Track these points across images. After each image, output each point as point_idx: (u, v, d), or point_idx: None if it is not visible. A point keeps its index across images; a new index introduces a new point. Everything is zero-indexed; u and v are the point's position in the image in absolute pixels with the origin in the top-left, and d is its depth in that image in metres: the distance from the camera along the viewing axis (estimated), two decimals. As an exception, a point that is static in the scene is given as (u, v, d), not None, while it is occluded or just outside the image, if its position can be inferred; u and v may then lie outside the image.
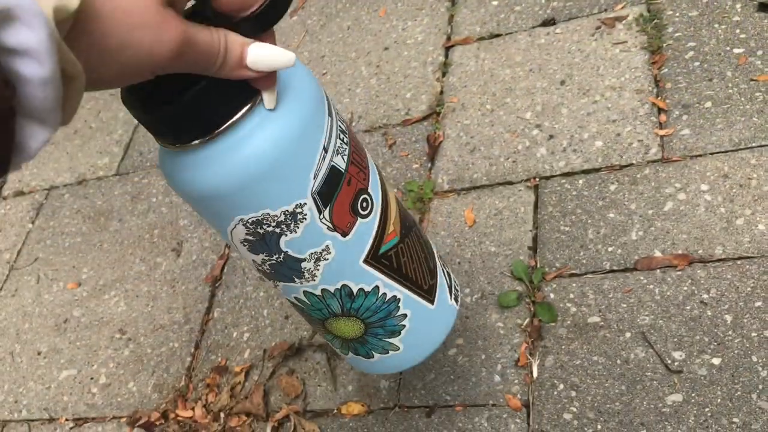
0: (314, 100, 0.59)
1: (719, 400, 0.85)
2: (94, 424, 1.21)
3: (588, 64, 1.26)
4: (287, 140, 0.55)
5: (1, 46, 0.28)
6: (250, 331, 1.19)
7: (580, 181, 1.11)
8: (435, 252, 0.79)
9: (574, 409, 0.91)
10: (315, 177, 0.58)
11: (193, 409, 1.13)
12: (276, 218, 0.59)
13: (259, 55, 0.44)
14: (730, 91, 1.10)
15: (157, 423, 1.15)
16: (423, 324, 0.75)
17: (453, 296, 0.81)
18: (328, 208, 0.61)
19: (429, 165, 1.26)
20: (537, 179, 1.15)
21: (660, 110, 1.14)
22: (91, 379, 1.27)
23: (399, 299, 0.72)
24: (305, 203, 0.59)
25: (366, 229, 0.65)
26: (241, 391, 1.12)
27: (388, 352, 0.76)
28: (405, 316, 0.73)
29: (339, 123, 0.63)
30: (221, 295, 1.27)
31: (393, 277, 0.70)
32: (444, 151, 1.27)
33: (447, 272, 0.81)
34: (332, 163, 0.60)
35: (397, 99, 1.40)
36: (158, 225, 1.45)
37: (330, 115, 0.61)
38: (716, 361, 0.88)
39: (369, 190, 0.66)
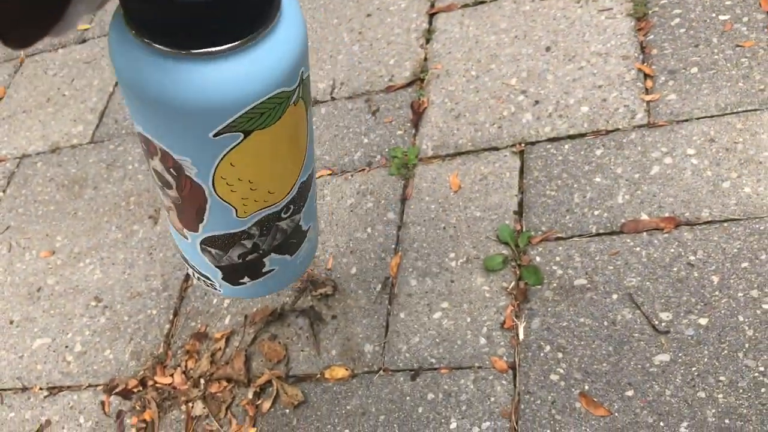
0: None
1: (706, 360, 0.85)
2: (70, 392, 1.18)
3: (573, 30, 1.25)
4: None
5: None
6: (230, 297, 1.17)
7: (566, 146, 1.11)
8: None
9: (561, 370, 0.90)
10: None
11: (172, 375, 1.11)
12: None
13: None
14: (716, 56, 1.10)
15: (135, 390, 1.13)
16: None
17: None
18: None
19: (413, 131, 1.25)
20: (523, 145, 1.14)
21: (646, 76, 1.13)
22: (66, 347, 1.24)
23: None
24: None
25: None
26: (222, 357, 1.10)
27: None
28: None
29: None
30: (200, 262, 1.24)
31: None
32: (428, 117, 1.25)
33: None
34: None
35: (380, 66, 1.38)
36: (134, 192, 1.42)
37: None
38: (703, 321, 0.88)
39: None
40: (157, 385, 1.11)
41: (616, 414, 0.85)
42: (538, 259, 1.01)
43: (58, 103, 1.71)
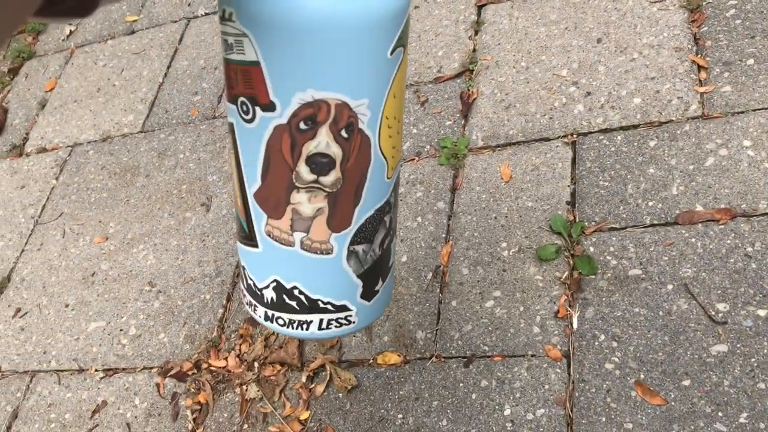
0: None
1: (766, 351, 0.85)
2: (125, 374, 1.21)
3: (625, 22, 1.24)
4: None
5: None
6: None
7: (619, 138, 1.11)
8: None
9: (616, 359, 0.91)
10: None
11: (226, 359, 1.13)
12: None
13: None
14: (773, 48, 1.09)
15: (190, 373, 1.15)
16: None
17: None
18: None
19: (462, 122, 1.25)
20: (575, 135, 1.14)
21: (700, 68, 1.13)
22: (121, 330, 1.27)
23: None
24: None
25: None
26: (275, 341, 1.12)
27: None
28: None
29: None
30: (252, 249, 1.26)
31: None
32: (478, 108, 1.26)
33: None
34: None
35: (428, 57, 1.39)
36: (186, 180, 1.45)
37: None
38: (762, 312, 0.87)
39: None
40: (212, 368, 1.14)
41: (673, 403, 0.85)
42: (591, 249, 1.01)
43: (109, 93, 1.75)
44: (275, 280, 0.54)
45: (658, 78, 1.14)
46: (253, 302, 0.58)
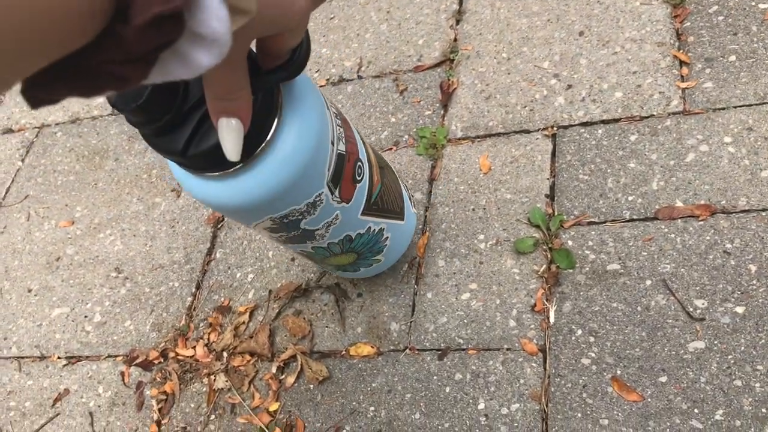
0: (319, 104, 0.66)
1: (743, 348, 0.84)
2: (89, 362, 1.17)
3: (608, 15, 1.23)
4: (310, 149, 0.64)
5: None
6: (255, 272, 1.16)
7: (600, 131, 1.09)
8: (396, 174, 0.94)
9: (593, 354, 0.90)
10: (328, 169, 0.69)
11: (194, 348, 1.10)
12: (300, 210, 0.70)
13: None
14: (756, 45, 1.09)
15: (156, 362, 1.12)
16: (398, 237, 0.95)
17: (412, 204, 1.00)
18: (338, 188, 0.73)
19: (442, 112, 1.23)
20: (555, 128, 1.13)
21: (682, 63, 1.12)
22: (85, 317, 1.23)
23: (383, 229, 0.89)
24: (322, 191, 0.70)
25: (361, 190, 0.79)
26: (245, 331, 1.09)
27: (372, 265, 0.96)
28: (387, 238, 0.92)
29: (333, 109, 0.71)
30: (224, 237, 1.23)
31: (379, 215, 0.86)
32: (458, 98, 1.24)
33: (404, 186, 0.98)
34: (338, 151, 0.70)
35: (408, 45, 1.37)
36: (157, 165, 1.41)
37: (328, 108, 0.70)
38: (740, 309, 0.87)
39: (360, 156, 0.77)
40: (179, 357, 1.11)
41: (649, 399, 0.84)
42: (570, 243, 1.00)
43: (79, 73, 1.69)
44: None
45: (640, 72, 1.13)
46: None
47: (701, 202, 0.97)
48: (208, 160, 0.58)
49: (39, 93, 0.28)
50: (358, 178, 0.77)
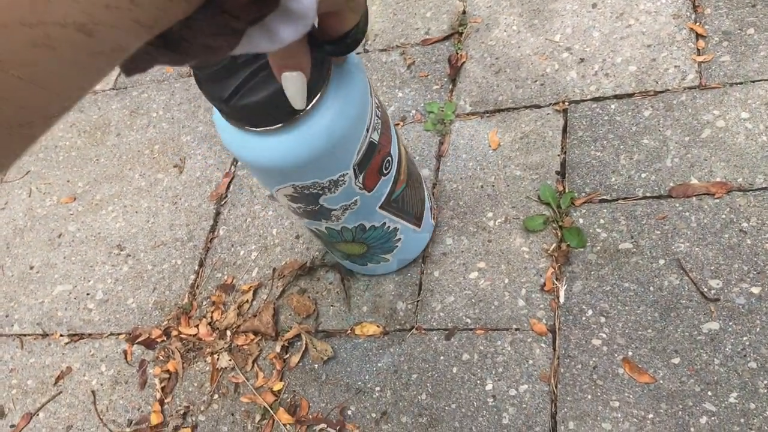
0: (364, 89, 0.69)
1: (758, 329, 0.82)
2: (91, 340, 1.16)
3: (622, -13, 1.19)
4: (346, 127, 0.66)
5: None
6: (258, 250, 1.14)
7: (612, 106, 1.06)
8: (424, 185, 0.96)
9: (604, 335, 0.88)
10: (358, 152, 0.71)
11: (197, 326, 1.09)
12: (322, 185, 0.72)
13: None
14: (775, 17, 1.05)
15: (159, 340, 1.10)
16: (411, 242, 0.96)
17: (433, 216, 1.00)
18: (363, 174, 0.75)
19: (450, 86, 1.20)
20: (566, 103, 1.10)
21: (698, 36, 1.08)
22: (88, 294, 1.22)
23: (398, 229, 0.91)
24: (347, 173, 0.72)
25: (385, 183, 0.81)
26: (249, 309, 1.08)
27: (379, 263, 0.97)
28: (399, 239, 0.93)
29: (376, 100, 0.74)
30: (227, 213, 1.21)
31: (397, 214, 0.87)
32: (466, 72, 1.20)
33: (429, 197, 0.99)
34: (370, 139, 0.72)
35: (416, 18, 1.33)
36: (159, 140, 1.38)
37: (371, 96, 0.71)
38: (756, 290, 0.84)
39: (391, 152, 0.79)
40: (182, 335, 1.09)
41: (661, 381, 0.82)
42: (581, 221, 0.97)
43: (80, 47, 1.67)
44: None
45: (655, 46, 1.10)
46: None
47: (717, 180, 0.94)
48: (249, 114, 0.62)
49: (131, 62, 0.29)
50: (385, 172, 0.79)
